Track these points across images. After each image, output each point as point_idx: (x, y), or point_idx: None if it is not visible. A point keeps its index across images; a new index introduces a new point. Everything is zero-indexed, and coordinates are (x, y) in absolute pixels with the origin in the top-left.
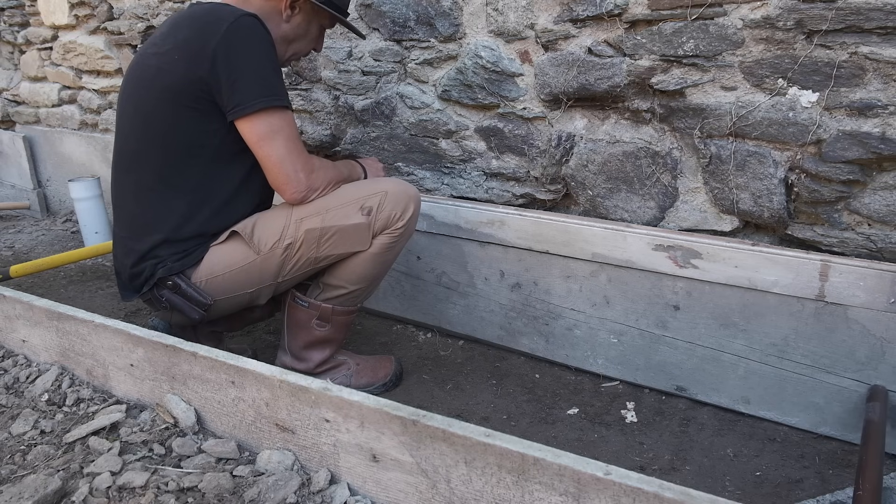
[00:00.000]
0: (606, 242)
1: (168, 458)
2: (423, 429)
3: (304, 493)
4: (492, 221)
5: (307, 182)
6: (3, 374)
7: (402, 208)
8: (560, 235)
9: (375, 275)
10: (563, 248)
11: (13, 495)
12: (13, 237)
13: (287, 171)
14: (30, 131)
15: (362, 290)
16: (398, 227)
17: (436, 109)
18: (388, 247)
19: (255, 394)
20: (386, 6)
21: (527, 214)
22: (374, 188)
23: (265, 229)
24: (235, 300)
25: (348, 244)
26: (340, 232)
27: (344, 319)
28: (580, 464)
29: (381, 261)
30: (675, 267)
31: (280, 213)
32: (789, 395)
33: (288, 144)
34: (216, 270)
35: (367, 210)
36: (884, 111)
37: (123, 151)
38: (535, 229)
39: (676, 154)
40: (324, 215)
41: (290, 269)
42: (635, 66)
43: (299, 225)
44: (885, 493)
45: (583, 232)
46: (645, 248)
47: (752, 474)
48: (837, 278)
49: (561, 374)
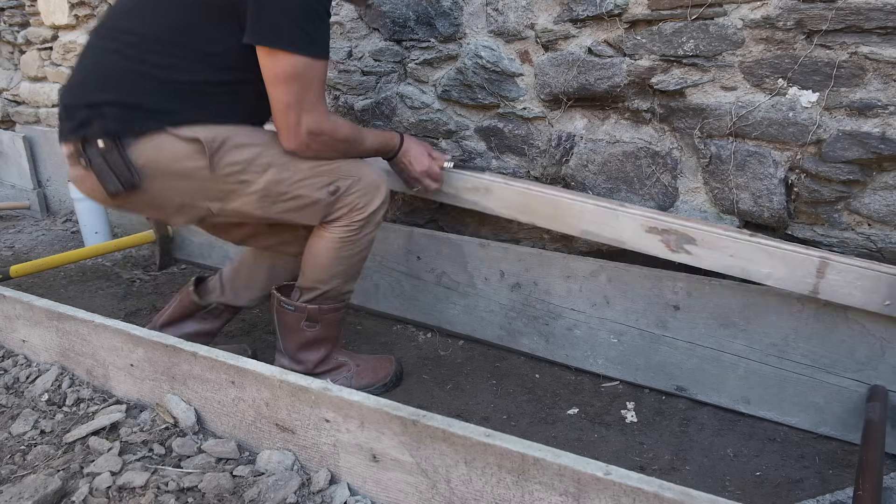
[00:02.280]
0: (597, 220)
1: (168, 458)
2: (423, 429)
3: (304, 493)
4: (476, 188)
5: (306, 141)
6: (3, 374)
7: (367, 200)
8: (547, 209)
9: (345, 270)
10: (550, 222)
11: (13, 495)
12: (13, 237)
13: (289, 121)
14: (30, 131)
15: (338, 288)
16: (357, 218)
17: (436, 109)
18: (349, 241)
19: (255, 394)
20: (386, 6)
21: (514, 184)
22: (352, 170)
23: (233, 152)
24: (160, 201)
25: (299, 215)
26: (298, 200)
27: (333, 317)
28: (580, 464)
29: (346, 255)
30: (667, 251)
31: (257, 144)
32: (789, 395)
33: (303, 94)
34: (161, 160)
35: (333, 189)
36: (884, 111)
37: (116, 27)
38: (521, 200)
39: (676, 154)
40: (293, 174)
41: (231, 207)
42: (635, 66)
43: (267, 169)
44: (885, 493)
45: (573, 207)
46: (637, 230)
47: (752, 474)
48: (835, 276)
49: (561, 374)
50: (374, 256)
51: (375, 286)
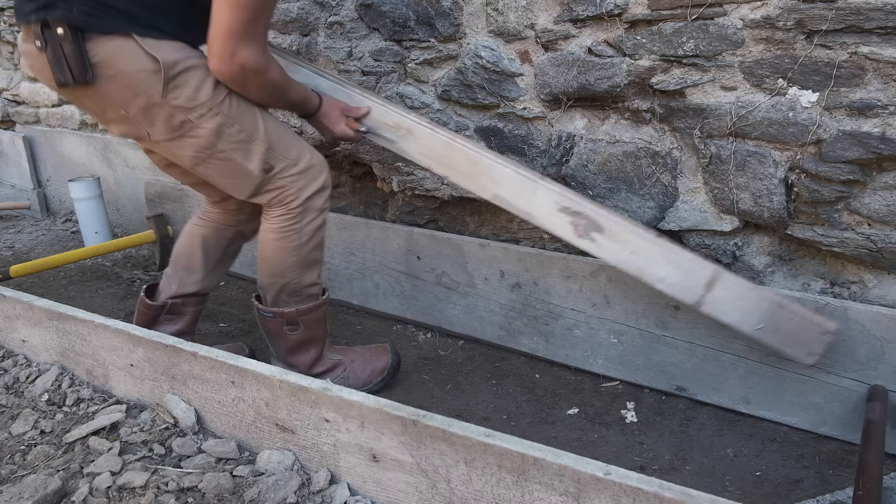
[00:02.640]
0: (513, 188)
1: (168, 458)
2: (423, 429)
3: (304, 493)
4: (398, 126)
5: (236, 73)
6: (3, 374)
7: (302, 185)
8: (466, 165)
9: (297, 262)
10: (464, 179)
11: (13, 495)
12: (13, 237)
13: (225, 48)
14: (30, 131)
15: (296, 281)
16: (293, 205)
17: (436, 109)
18: (291, 230)
19: (255, 394)
20: (386, 6)
21: (439, 132)
22: (290, 151)
23: (188, 87)
24: (103, 105)
25: (228, 182)
26: (231, 164)
27: (313, 317)
28: (580, 464)
29: (293, 246)
30: (573, 235)
31: (215, 89)
32: (789, 395)
33: (250, 24)
34: (116, 65)
35: (268, 167)
36: (884, 111)
37: None
38: (442, 150)
39: (676, 154)
40: (235, 134)
41: (167, 142)
42: (635, 66)
43: (213, 118)
44: (885, 493)
45: (493, 169)
46: (550, 207)
47: (752, 474)
48: (721, 292)
49: (561, 374)
50: (374, 256)
51: (375, 286)
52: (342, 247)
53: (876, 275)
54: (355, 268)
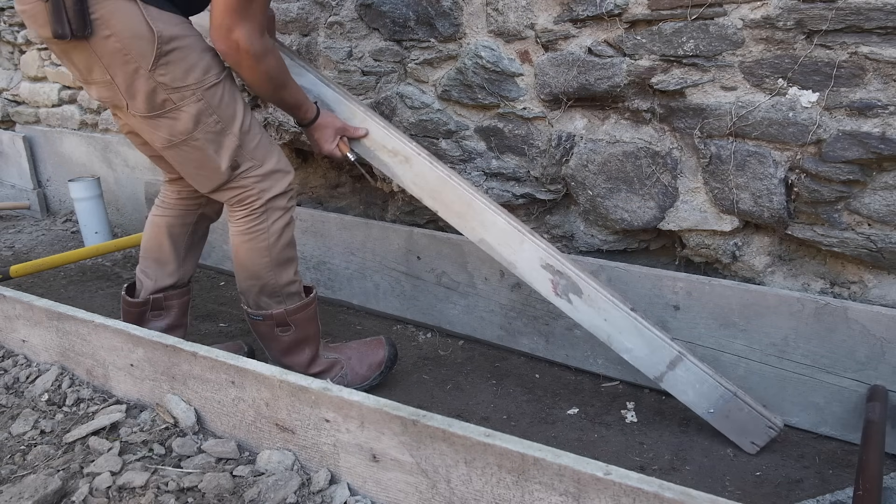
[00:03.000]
0: (501, 236)
1: (168, 458)
2: (423, 429)
3: (304, 493)
4: (396, 152)
5: (231, 48)
6: (3, 374)
7: (265, 186)
8: (459, 204)
9: (270, 262)
10: (453, 217)
11: (13, 495)
12: (13, 237)
13: (224, 22)
14: (30, 131)
15: (273, 281)
16: (256, 206)
17: (436, 109)
18: (256, 231)
19: (255, 394)
20: (386, 6)
21: (438, 166)
22: (259, 153)
23: (179, 65)
24: (89, 64)
25: (194, 172)
26: (202, 154)
27: (302, 316)
28: (580, 464)
29: (262, 246)
30: (550, 292)
31: (207, 73)
32: (789, 395)
33: (245, 1)
34: (114, 26)
35: (235, 164)
36: (884, 111)
37: None
38: (437, 185)
39: (676, 154)
40: (212, 126)
41: (140, 115)
42: (635, 66)
43: (196, 103)
44: (885, 493)
45: (485, 214)
46: (534, 261)
47: (752, 474)
48: (681, 372)
49: (561, 374)
50: (374, 256)
51: (375, 286)
52: (342, 247)
53: (876, 275)
54: (355, 268)
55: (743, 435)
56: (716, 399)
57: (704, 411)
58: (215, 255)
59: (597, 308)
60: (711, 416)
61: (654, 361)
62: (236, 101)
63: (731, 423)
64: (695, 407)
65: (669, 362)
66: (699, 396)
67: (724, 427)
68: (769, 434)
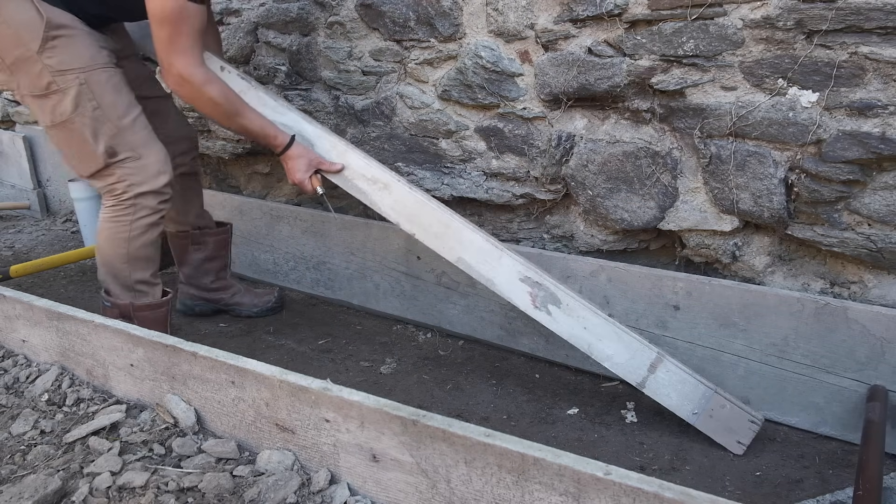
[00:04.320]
0: (479, 254)
1: (168, 458)
2: (423, 429)
3: (304, 493)
4: (376, 179)
5: (177, 82)
6: (3, 374)
7: (137, 180)
8: (437, 226)
9: (127, 254)
10: (431, 239)
11: (13, 495)
12: (13, 237)
13: (163, 59)
14: (30, 131)
15: (126, 274)
16: (124, 197)
17: (436, 109)
18: (121, 222)
19: (255, 394)
20: (386, 6)
21: (416, 192)
22: (139, 146)
23: (66, 50)
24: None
25: (71, 153)
26: (79, 136)
27: (148, 315)
28: (580, 464)
29: (122, 238)
30: (529, 305)
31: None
32: (789, 395)
33: (175, 37)
34: (3, 14)
35: (112, 152)
36: (884, 111)
37: None
38: (415, 209)
39: (676, 154)
40: (89, 106)
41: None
42: (635, 66)
43: (79, 86)
44: (885, 493)
45: (462, 233)
46: (512, 275)
47: (752, 474)
48: (663, 375)
49: (561, 374)
50: (374, 256)
51: (375, 286)
52: (342, 247)
53: (876, 275)
54: (355, 268)
55: (728, 434)
56: (698, 399)
57: (689, 413)
58: None
59: (576, 317)
60: (696, 419)
61: (636, 366)
62: (120, 94)
63: (715, 423)
64: (679, 410)
65: (650, 365)
66: (682, 398)
67: (710, 428)
68: (752, 429)
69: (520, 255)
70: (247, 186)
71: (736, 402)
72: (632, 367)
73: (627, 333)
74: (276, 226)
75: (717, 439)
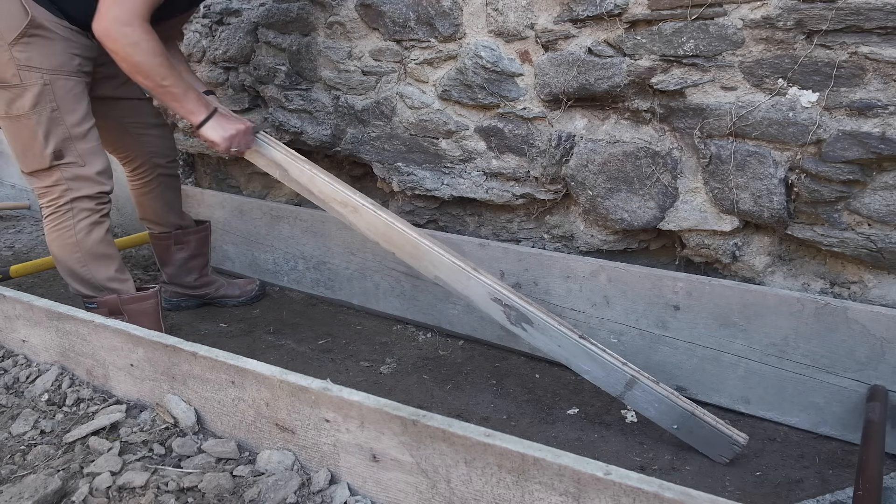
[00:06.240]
0: (451, 274)
1: (168, 458)
2: (423, 429)
3: (304, 493)
4: (346, 203)
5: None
6: (3, 374)
7: (75, 186)
8: (408, 247)
9: (81, 257)
10: (409, 258)
11: (13, 495)
12: (13, 237)
13: (103, 2)
14: None
15: (90, 276)
16: (61, 202)
17: (436, 109)
18: (61, 226)
19: (255, 394)
20: (386, 6)
21: (380, 213)
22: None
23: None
24: None
25: (20, 146)
26: (30, 134)
27: (136, 308)
28: (580, 464)
29: (69, 243)
30: (507, 321)
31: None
32: (789, 395)
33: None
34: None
35: (59, 154)
36: (884, 111)
37: None
38: (385, 231)
39: (676, 154)
40: (47, 107)
41: None
42: (635, 66)
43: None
44: (885, 493)
45: (431, 255)
46: (484, 296)
47: (752, 474)
48: (639, 393)
49: (561, 374)
50: (374, 256)
51: (375, 286)
52: (342, 247)
53: (876, 275)
54: (355, 268)
55: (710, 448)
56: (676, 417)
57: (669, 426)
58: (215, 255)
59: (549, 335)
60: (677, 431)
61: (612, 382)
62: (80, 103)
63: (696, 438)
64: (660, 423)
65: (626, 384)
66: (661, 414)
67: (692, 440)
68: (733, 450)
69: (489, 277)
70: (247, 186)
71: (715, 426)
72: (609, 383)
73: (601, 353)
74: (276, 226)
75: (700, 450)
